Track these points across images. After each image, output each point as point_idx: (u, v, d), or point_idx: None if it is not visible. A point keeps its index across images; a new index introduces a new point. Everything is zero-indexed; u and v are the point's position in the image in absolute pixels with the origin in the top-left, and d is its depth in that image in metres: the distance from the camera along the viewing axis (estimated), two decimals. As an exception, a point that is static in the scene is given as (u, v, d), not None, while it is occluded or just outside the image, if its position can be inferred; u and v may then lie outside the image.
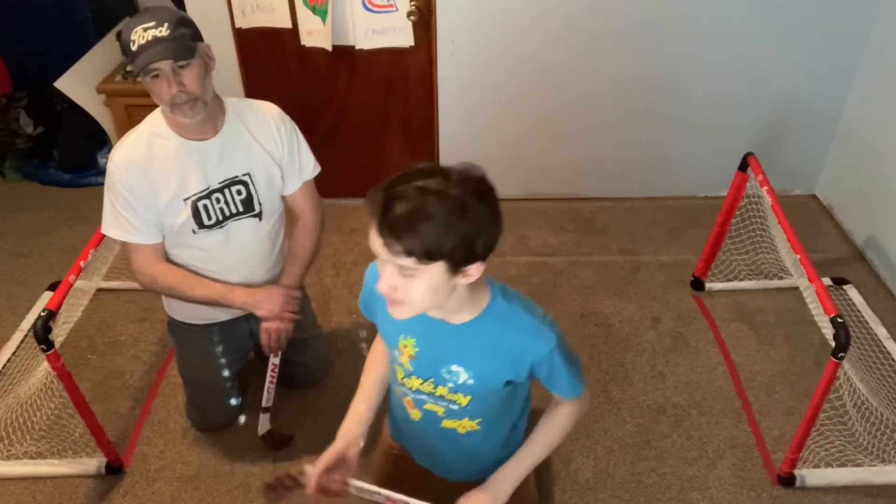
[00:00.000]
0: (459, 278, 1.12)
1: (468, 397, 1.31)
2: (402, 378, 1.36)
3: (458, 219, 1.05)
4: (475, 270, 1.12)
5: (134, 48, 1.62)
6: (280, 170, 1.91)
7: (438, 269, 1.09)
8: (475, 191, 1.09)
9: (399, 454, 1.54)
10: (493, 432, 1.41)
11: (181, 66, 1.64)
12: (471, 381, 1.28)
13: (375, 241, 1.07)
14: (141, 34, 1.61)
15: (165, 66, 1.62)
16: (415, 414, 1.40)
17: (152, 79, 1.64)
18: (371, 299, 1.33)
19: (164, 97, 1.67)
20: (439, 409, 1.35)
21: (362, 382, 1.45)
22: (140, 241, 1.81)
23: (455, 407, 1.33)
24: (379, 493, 1.33)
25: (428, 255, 1.06)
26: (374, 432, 1.43)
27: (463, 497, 1.31)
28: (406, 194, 1.04)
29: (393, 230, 1.04)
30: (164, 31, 1.61)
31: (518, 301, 1.28)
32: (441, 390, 1.32)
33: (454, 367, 1.28)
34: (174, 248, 1.88)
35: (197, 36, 1.69)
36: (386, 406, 1.49)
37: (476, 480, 1.41)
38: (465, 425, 1.37)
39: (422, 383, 1.33)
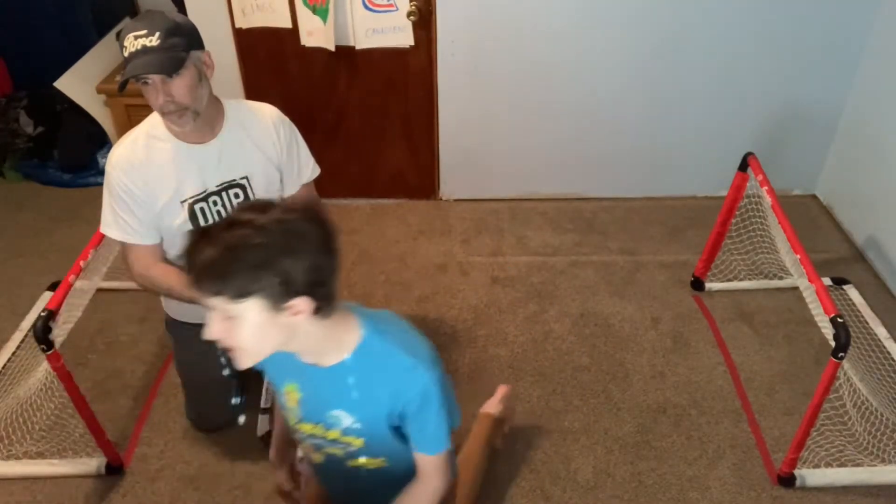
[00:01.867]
0: (286, 316, 1.05)
1: (360, 439, 1.25)
2: (295, 423, 1.32)
3: (264, 252, 0.99)
4: (302, 305, 1.04)
5: (125, 55, 1.62)
6: (279, 173, 1.91)
7: (254, 307, 1.02)
8: (292, 221, 1.02)
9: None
10: (404, 466, 1.32)
11: (170, 76, 1.63)
12: (357, 425, 1.23)
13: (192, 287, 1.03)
14: (132, 42, 1.60)
15: (153, 76, 1.62)
16: (317, 457, 1.35)
17: (143, 85, 1.65)
18: None
19: (155, 105, 1.68)
20: (338, 451, 1.30)
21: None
22: (138, 241, 1.81)
23: (352, 448, 1.28)
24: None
25: (237, 294, 1.00)
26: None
27: None
28: (212, 233, 1.00)
29: (199, 274, 1.00)
30: (153, 41, 1.60)
31: (395, 337, 1.20)
32: (332, 433, 1.26)
33: (336, 412, 1.23)
34: (171, 249, 1.88)
35: (192, 44, 1.67)
36: None
37: None
38: (370, 463, 1.31)
39: (313, 427, 1.28)
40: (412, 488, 1.29)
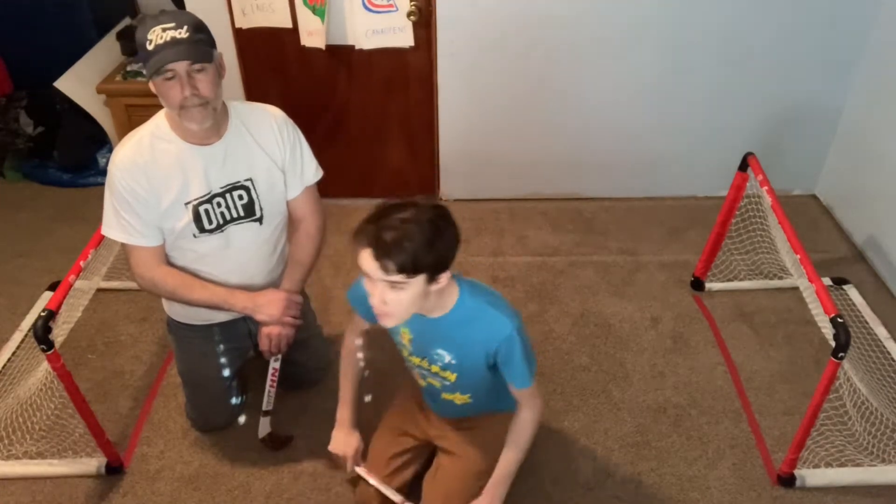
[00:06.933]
0: (433, 286, 1.41)
1: (454, 374, 1.63)
2: (407, 356, 1.70)
3: (434, 238, 1.34)
4: (444, 279, 1.42)
5: (150, 47, 1.60)
6: (282, 174, 1.90)
7: (420, 280, 1.37)
8: (441, 216, 1.38)
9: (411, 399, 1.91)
10: (484, 404, 1.74)
11: (197, 70, 1.63)
12: (454, 362, 1.60)
13: (370, 265, 1.34)
14: (159, 34, 1.59)
15: (181, 68, 1.61)
16: (421, 383, 1.77)
17: (165, 80, 1.63)
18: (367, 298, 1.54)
19: (175, 99, 1.65)
20: (437, 383, 1.69)
21: (344, 385, 1.83)
22: (141, 243, 1.81)
23: (447, 382, 1.66)
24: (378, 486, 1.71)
25: (414, 270, 1.34)
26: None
27: None
28: (392, 224, 1.32)
29: (387, 253, 1.31)
30: (183, 34, 1.60)
31: (483, 297, 1.55)
32: (434, 367, 1.65)
33: (439, 350, 1.60)
34: (173, 250, 1.88)
35: (212, 43, 1.69)
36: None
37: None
38: (459, 398, 1.71)
39: (420, 360, 1.67)
40: (517, 416, 1.65)
